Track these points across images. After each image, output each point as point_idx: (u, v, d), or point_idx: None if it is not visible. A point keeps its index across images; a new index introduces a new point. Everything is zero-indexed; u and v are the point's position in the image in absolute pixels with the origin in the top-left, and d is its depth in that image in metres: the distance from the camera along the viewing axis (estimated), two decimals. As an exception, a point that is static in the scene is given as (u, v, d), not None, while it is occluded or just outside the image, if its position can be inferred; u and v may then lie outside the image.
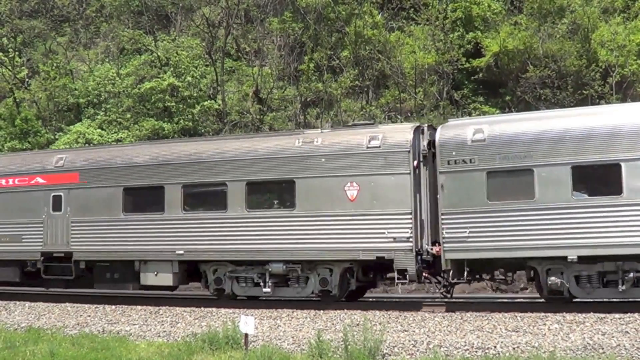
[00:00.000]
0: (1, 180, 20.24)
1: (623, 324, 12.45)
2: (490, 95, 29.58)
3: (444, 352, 11.60)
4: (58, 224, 19.17)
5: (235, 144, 17.79)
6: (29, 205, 19.57)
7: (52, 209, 19.26)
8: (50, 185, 19.39)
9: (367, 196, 15.58)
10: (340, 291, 16.22)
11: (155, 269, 17.80)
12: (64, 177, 19.28)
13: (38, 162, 20.13)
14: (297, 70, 33.31)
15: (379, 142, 15.71)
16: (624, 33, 27.02)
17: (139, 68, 35.24)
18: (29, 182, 19.80)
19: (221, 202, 17.22)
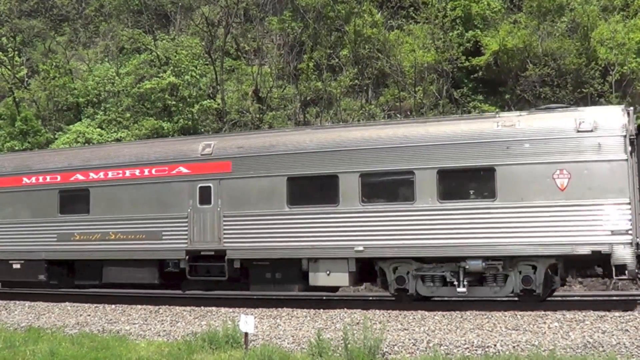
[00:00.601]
0: (134, 171, 18.05)
1: (623, 322, 12.46)
2: (489, 94, 29.60)
3: (444, 351, 11.59)
4: (207, 218, 16.99)
5: (424, 128, 15.91)
6: (169, 198, 17.44)
7: (199, 202, 17.06)
8: (196, 175, 17.22)
9: (579, 185, 14.03)
10: (545, 290, 14.78)
11: (327, 267, 15.92)
12: (212, 166, 17.11)
13: (180, 150, 17.89)
14: (296, 69, 33.31)
15: (591, 126, 14.17)
16: (624, 31, 27.03)
17: (139, 67, 35.26)
18: (169, 172, 17.60)
19: (408, 192, 15.46)
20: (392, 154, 15.58)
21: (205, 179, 17.14)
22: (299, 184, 16.39)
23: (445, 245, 14.92)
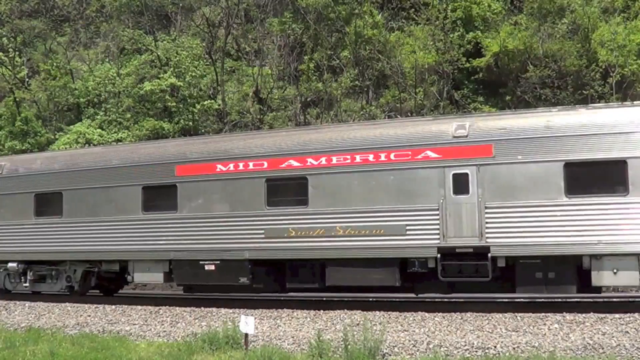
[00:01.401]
0: (367, 155, 15.47)
1: (623, 324, 12.46)
2: (490, 95, 29.62)
3: (444, 352, 11.59)
4: (463, 210, 14.75)
5: None
6: (414, 187, 15.02)
7: (452, 192, 14.78)
8: (447, 160, 14.83)
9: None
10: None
11: (614, 265, 13.76)
12: (469, 150, 14.79)
13: (428, 131, 15.40)
14: (297, 70, 33.33)
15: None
16: (624, 33, 27.03)
17: (139, 68, 35.28)
18: (412, 156, 15.15)
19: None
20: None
21: (460, 165, 14.82)
22: (576, 170, 14.14)
23: None
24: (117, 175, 18.21)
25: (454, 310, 14.67)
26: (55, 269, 19.39)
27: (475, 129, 14.93)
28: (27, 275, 19.59)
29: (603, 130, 13.94)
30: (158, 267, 17.53)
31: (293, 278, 16.41)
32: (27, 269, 19.59)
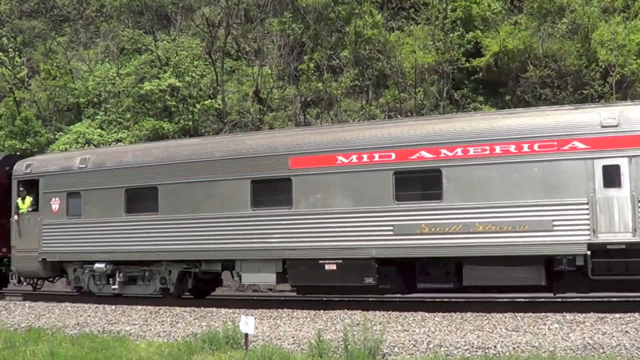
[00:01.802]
0: (508, 146, 14.51)
1: (623, 323, 12.46)
2: (490, 95, 29.61)
3: (444, 352, 11.59)
4: (614, 204, 13.85)
5: None
6: (560, 180, 14.09)
7: (602, 184, 13.87)
8: (596, 151, 13.91)
9: None
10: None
11: None
12: (620, 141, 13.84)
13: (573, 121, 14.34)
14: (297, 70, 33.32)
15: None
16: (624, 32, 27.02)
17: (139, 68, 35.28)
18: (558, 147, 14.15)
19: None
20: None
21: (610, 156, 13.89)
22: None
23: None
24: (222, 168, 17.04)
25: (454, 310, 14.68)
26: (148, 270, 18.24)
27: (626, 118, 14.03)
28: (115, 276, 18.51)
29: None
30: (269, 267, 16.35)
31: (424, 278, 15.35)
32: (115, 270, 18.50)
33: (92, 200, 18.84)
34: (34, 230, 19.64)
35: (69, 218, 19.17)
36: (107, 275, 18.64)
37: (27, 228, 19.85)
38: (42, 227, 19.53)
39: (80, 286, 19.33)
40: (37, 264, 19.48)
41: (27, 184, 20.24)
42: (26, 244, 19.74)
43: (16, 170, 20.52)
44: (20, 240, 19.96)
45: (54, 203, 19.53)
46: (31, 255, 19.57)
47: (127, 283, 18.53)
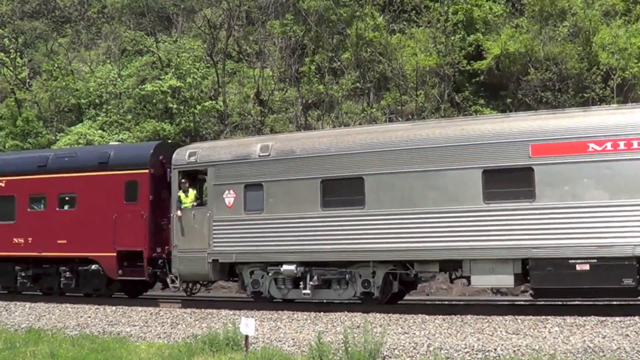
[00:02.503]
0: None
1: (623, 327, 12.45)
2: (491, 98, 29.60)
3: (444, 355, 11.60)
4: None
5: None
6: None
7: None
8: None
9: None
10: None
11: None
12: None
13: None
14: (298, 72, 33.32)
15: None
16: (625, 36, 27.02)
17: (140, 69, 35.30)
18: None
19: None
20: None
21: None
22: None
23: None
24: (445, 156, 15.08)
25: (454, 312, 14.68)
26: (348, 272, 16.11)
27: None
28: (306, 280, 16.31)
29: None
30: (506, 268, 14.55)
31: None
32: (306, 272, 16.32)
33: (277, 193, 16.65)
34: (201, 228, 17.41)
35: (248, 213, 16.94)
36: (294, 279, 16.61)
37: (193, 225, 17.57)
38: (213, 223, 17.27)
39: (258, 291, 17.04)
40: (205, 265, 17.24)
41: (190, 175, 18.23)
42: (191, 243, 17.50)
43: (177, 159, 18.23)
44: (183, 239, 17.64)
45: (228, 196, 17.24)
46: (198, 256, 17.34)
47: (319, 287, 16.40)
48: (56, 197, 19.93)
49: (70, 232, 19.36)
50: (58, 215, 19.84)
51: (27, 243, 20.13)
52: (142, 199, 18.54)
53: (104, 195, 18.98)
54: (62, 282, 19.73)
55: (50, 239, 19.64)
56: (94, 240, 18.91)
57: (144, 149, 19.70)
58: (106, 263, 18.88)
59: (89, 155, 20.22)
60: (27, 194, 20.40)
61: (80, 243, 19.16)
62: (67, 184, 19.78)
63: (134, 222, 18.47)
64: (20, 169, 20.86)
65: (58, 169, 20.06)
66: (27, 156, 22.31)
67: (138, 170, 18.72)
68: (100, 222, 18.87)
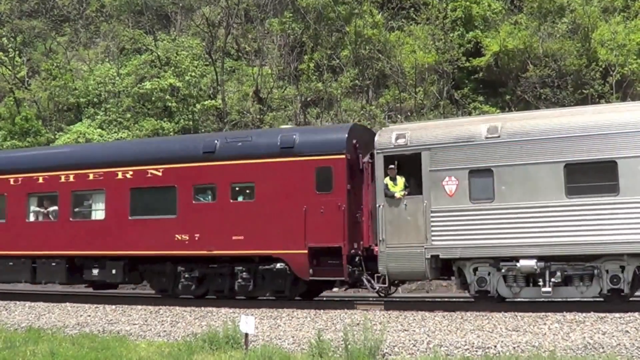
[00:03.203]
0: None
1: (623, 323, 12.46)
2: (490, 95, 29.61)
3: (444, 352, 11.59)
4: None
5: None
6: None
7: None
8: None
9: None
10: None
11: None
12: None
13: None
14: (297, 70, 33.33)
15: None
16: (624, 32, 27.03)
17: (139, 68, 35.29)
18: None
19: None
20: None
21: None
22: None
23: None
24: None
25: (454, 309, 14.68)
26: (595, 267, 14.30)
27: None
28: (545, 276, 14.40)
29: None
30: None
31: None
32: (545, 268, 14.40)
33: (511, 180, 14.73)
34: (415, 220, 15.39)
35: (474, 202, 14.95)
36: (526, 276, 14.78)
37: (405, 217, 15.52)
38: (431, 215, 15.23)
39: (484, 290, 14.98)
40: (422, 262, 15.23)
41: (398, 160, 15.94)
42: (404, 237, 15.46)
43: (381, 142, 16.06)
44: (393, 233, 15.56)
45: (448, 183, 15.24)
46: (413, 252, 15.36)
47: (558, 285, 14.55)
48: (228, 187, 17.26)
49: (248, 226, 16.80)
50: (232, 207, 17.16)
51: (192, 240, 17.39)
52: (338, 188, 16.09)
53: (289, 185, 16.53)
54: (238, 284, 17.08)
55: (223, 235, 17.03)
56: (279, 235, 16.44)
57: (338, 131, 17.20)
58: (295, 261, 16.31)
59: (268, 139, 17.52)
60: (192, 184, 17.69)
61: (260, 239, 16.65)
62: (242, 172, 17.17)
63: (330, 215, 16.02)
64: (181, 156, 18.06)
65: (230, 155, 17.39)
66: (189, 141, 19.69)
67: (332, 156, 16.28)
68: (286, 215, 16.45)
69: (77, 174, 19.07)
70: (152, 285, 18.97)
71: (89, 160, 19.34)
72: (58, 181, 19.29)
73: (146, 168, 18.21)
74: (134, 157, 18.68)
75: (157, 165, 18.14)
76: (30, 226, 19.80)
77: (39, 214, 20.00)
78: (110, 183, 18.57)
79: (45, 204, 19.83)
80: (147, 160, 18.36)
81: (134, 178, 18.30)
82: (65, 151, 21.80)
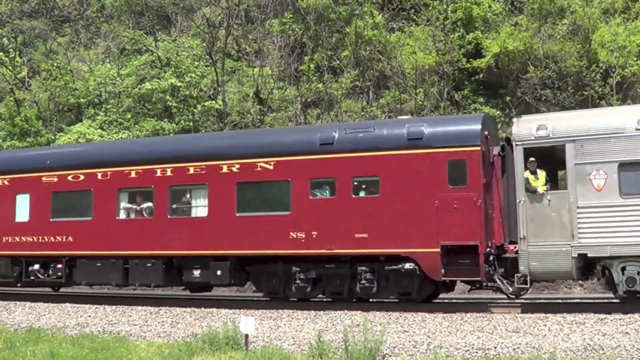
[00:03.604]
0: None
1: (623, 324, 12.46)
2: (490, 96, 29.60)
3: (444, 353, 11.60)
4: None
5: None
6: None
7: None
8: None
9: None
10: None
11: None
12: None
13: None
14: (297, 71, 33.34)
15: None
16: (624, 34, 27.02)
17: (140, 68, 35.31)
18: None
19: None
20: None
21: None
22: None
23: None
24: None
25: (454, 311, 14.68)
26: None
27: None
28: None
29: None
30: None
31: None
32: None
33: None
34: (560, 216, 14.58)
35: (625, 197, 14.08)
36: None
37: (548, 213, 14.67)
38: (577, 211, 14.38)
39: (633, 290, 14.16)
40: (569, 261, 14.36)
41: (540, 153, 15.02)
42: (547, 235, 14.60)
43: (521, 134, 15.18)
44: (535, 231, 14.68)
45: (596, 177, 14.41)
46: (558, 250, 14.51)
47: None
48: (349, 181, 16.07)
49: (372, 223, 15.65)
50: (353, 203, 15.95)
51: (309, 238, 16.10)
52: (473, 182, 15.10)
53: (418, 178, 15.45)
54: (361, 286, 15.90)
55: (344, 232, 15.82)
56: (408, 233, 15.33)
57: (470, 122, 16.21)
58: (427, 261, 15.19)
59: (393, 130, 16.33)
60: (308, 178, 16.40)
61: (387, 237, 15.51)
62: (364, 165, 16.01)
63: (464, 211, 15.00)
64: (296, 148, 16.77)
65: (350, 147, 16.18)
66: (304, 132, 18.67)
67: (465, 148, 15.27)
68: (415, 211, 15.33)
69: (175, 168, 17.71)
70: (259, 287, 17.62)
71: (189, 152, 17.95)
72: (153, 175, 17.96)
73: (255, 161, 16.89)
74: (240, 150, 17.41)
75: (267, 158, 16.81)
76: (121, 224, 18.42)
77: (130, 211, 18.61)
78: (214, 177, 17.25)
79: (137, 200, 18.50)
80: (255, 153, 17.03)
81: (240, 172, 17.01)
82: (161, 142, 20.72)
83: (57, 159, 19.84)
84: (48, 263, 19.25)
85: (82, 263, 18.58)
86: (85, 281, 18.99)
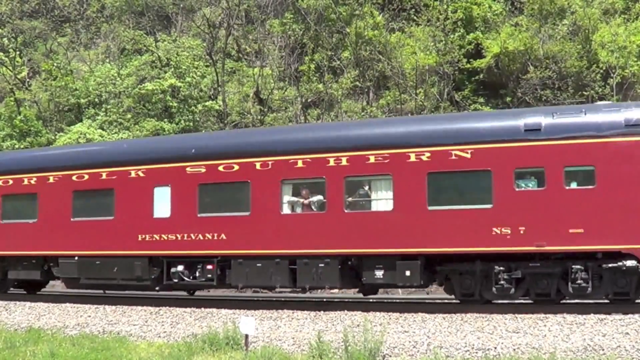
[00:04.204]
0: None
1: (623, 325, 12.45)
2: (490, 96, 29.63)
3: (444, 353, 11.59)
4: None
5: None
6: None
7: None
8: None
9: None
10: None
11: None
12: None
13: None
14: (297, 71, 33.35)
15: None
16: (625, 34, 27.05)
17: (140, 68, 35.32)
18: None
19: None
20: None
21: None
22: None
23: None
24: None
25: (454, 311, 14.67)
26: None
27: None
28: None
29: None
30: None
31: None
32: None
33: None
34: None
35: None
36: None
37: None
38: None
39: None
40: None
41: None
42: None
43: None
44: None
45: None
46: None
47: None
48: (561, 171, 14.49)
49: (589, 217, 14.17)
50: (566, 195, 14.42)
51: (515, 234, 14.52)
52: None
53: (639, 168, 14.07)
54: (575, 286, 14.32)
55: (556, 227, 14.35)
56: (629, 228, 13.92)
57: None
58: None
59: (608, 115, 14.82)
60: (513, 168, 14.74)
61: (605, 232, 14.06)
62: (578, 153, 14.48)
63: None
64: (496, 134, 15.14)
65: (561, 134, 14.63)
66: (504, 116, 16.72)
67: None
68: (638, 203, 14.02)
69: (352, 157, 15.91)
70: (450, 289, 16.01)
71: (367, 139, 16.13)
72: (325, 165, 16.09)
73: (449, 149, 15.17)
74: (430, 137, 15.65)
75: (463, 145, 15.17)
76: (286, 219, 16.42)
77: (295, 205, 16.60)
78: (400, 167, 15.49)
79: (303, 193, 16.48)
80: (449, 140, 15.32)
81: (431, 161, 15.28)
82: (335, 128, 18.68)
83: (205, 146, 17.84)
84: (195, 264, 17.26)
85: (238, 264, 16.65)
86: (242, 284, 16.97)
